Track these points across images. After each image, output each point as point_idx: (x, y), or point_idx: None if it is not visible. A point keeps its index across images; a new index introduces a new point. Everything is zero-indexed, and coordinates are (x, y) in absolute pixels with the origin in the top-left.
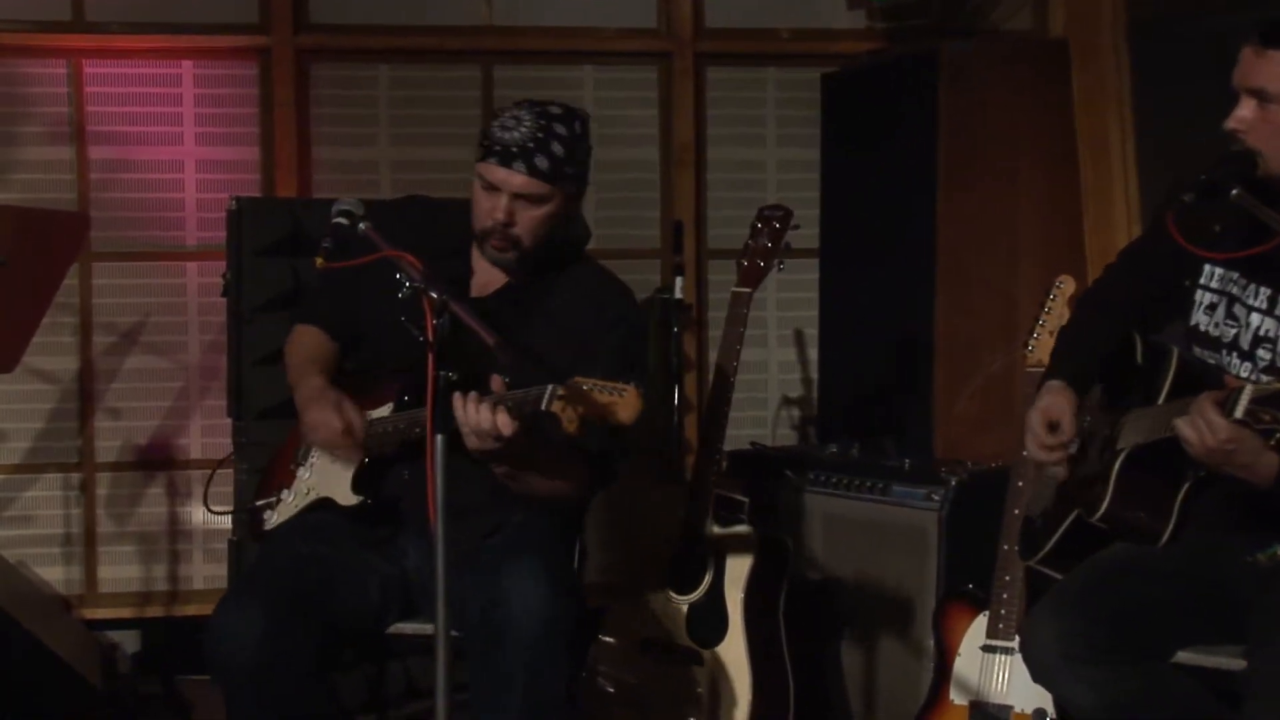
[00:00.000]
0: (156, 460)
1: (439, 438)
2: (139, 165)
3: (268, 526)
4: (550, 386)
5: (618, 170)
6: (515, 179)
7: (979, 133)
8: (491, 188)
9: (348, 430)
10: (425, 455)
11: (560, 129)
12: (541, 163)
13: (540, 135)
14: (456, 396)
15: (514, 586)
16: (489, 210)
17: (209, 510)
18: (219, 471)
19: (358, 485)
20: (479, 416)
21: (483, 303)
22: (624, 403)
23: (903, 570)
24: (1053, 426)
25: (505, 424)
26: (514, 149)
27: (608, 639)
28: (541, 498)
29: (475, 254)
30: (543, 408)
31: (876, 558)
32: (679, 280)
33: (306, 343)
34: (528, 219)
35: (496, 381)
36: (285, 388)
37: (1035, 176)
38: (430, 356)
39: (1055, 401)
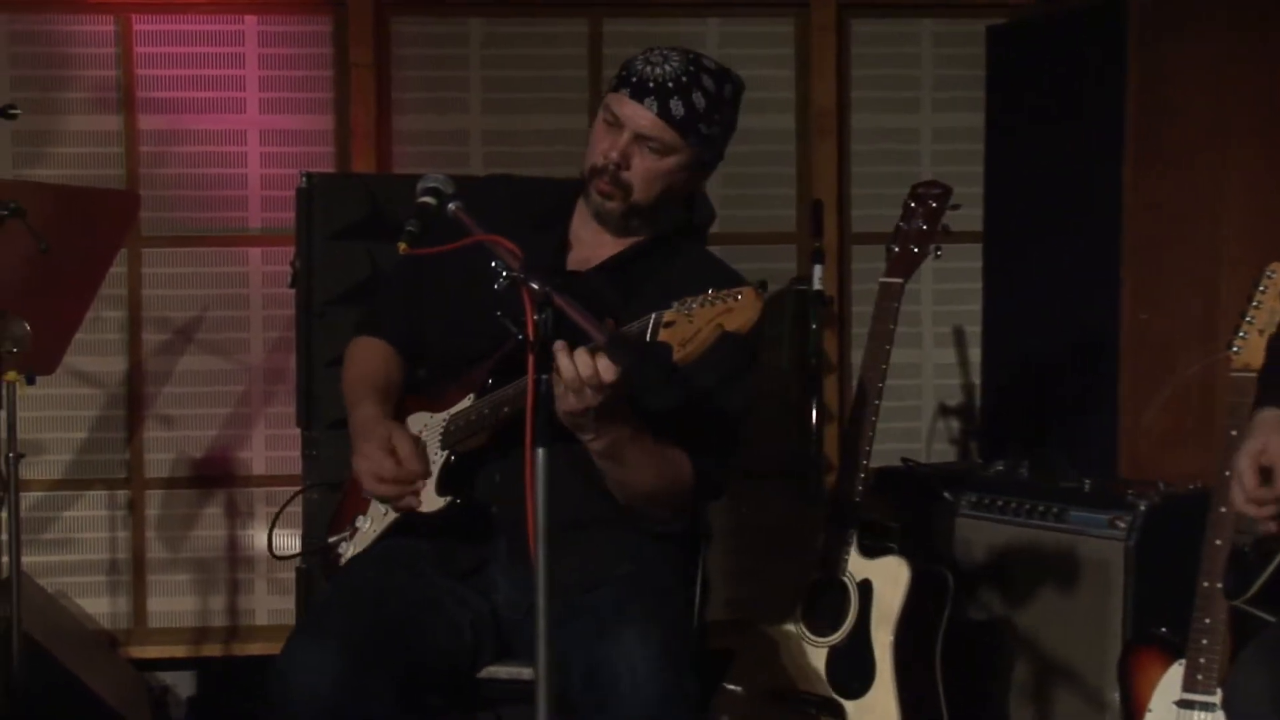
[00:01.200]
0: (214, 476)
1: (539, 452)
2: (196, 136)
3: (344, 561)
4: (654, 314)
5: (747, 141)
6: (642, 117)
7: (1175, 95)
8: (614, 123)
9: (400, 478)
10: (517, 451)
11: (708, 82)
12: (677, 107)
13: (684, 79)
14: (555, 345)
15: (623, 656)
16: (605, 147)
17: (273, 556)
18: (282, 490)
19: (442, 487)
20: (578, 363)
21: (581, 280)
22: (739, 306)
23: (1082, 610)
24: (1265, 473)
25: (607, 369)
26: (650, 84)
27: (733, 687)
28: (641, 496)
29: (575, 222)
30: (649, 338)
31: (1050, 595)
32: (818, 269)
33: (365, 358)
34: (643, 168)
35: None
36: None
37: (1244, 147)
38: (530, 358)
39: (1272, 443)
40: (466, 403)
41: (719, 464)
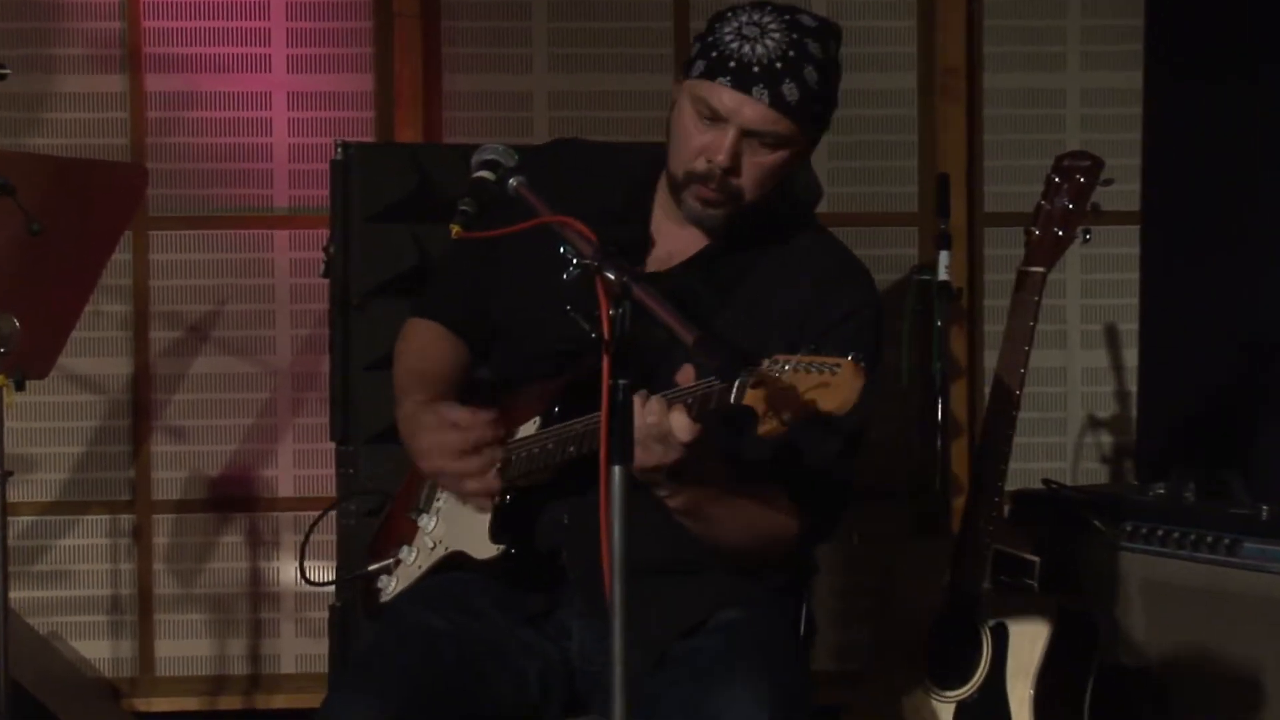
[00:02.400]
0: (234, 498)
1: (615, 470)
2: (212, 100)
3: (384, 598)
4: (741, 374)
5: (860, 104)
6: (751, 109)
7: None
8: (712, 117)
9: (470, 449)
10: (592, 489)
11: (814, 48)
12: (790, 91)
13: (791, 53)
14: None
15: (731, 714)
16: (704, 147)
17: (304, 581)
18: (313, 515)
19: (497, 531)
20: (650, 415)
21: (665, 279)
22: (837, 382)
23: (1257, 657)
24: None
25: (684, 428)
26: (754, 67)
27: None
28: (731, 554)
29: (657, 214)
30: (733, 400)
31: (1220, 639)
32: (943, 256)
33: (420, 346)
34: (756, 166)
35: (686, 372)
36: None
37: None
38: (605, 359)
39: None
40: (530, 428)
41: (829, 511)
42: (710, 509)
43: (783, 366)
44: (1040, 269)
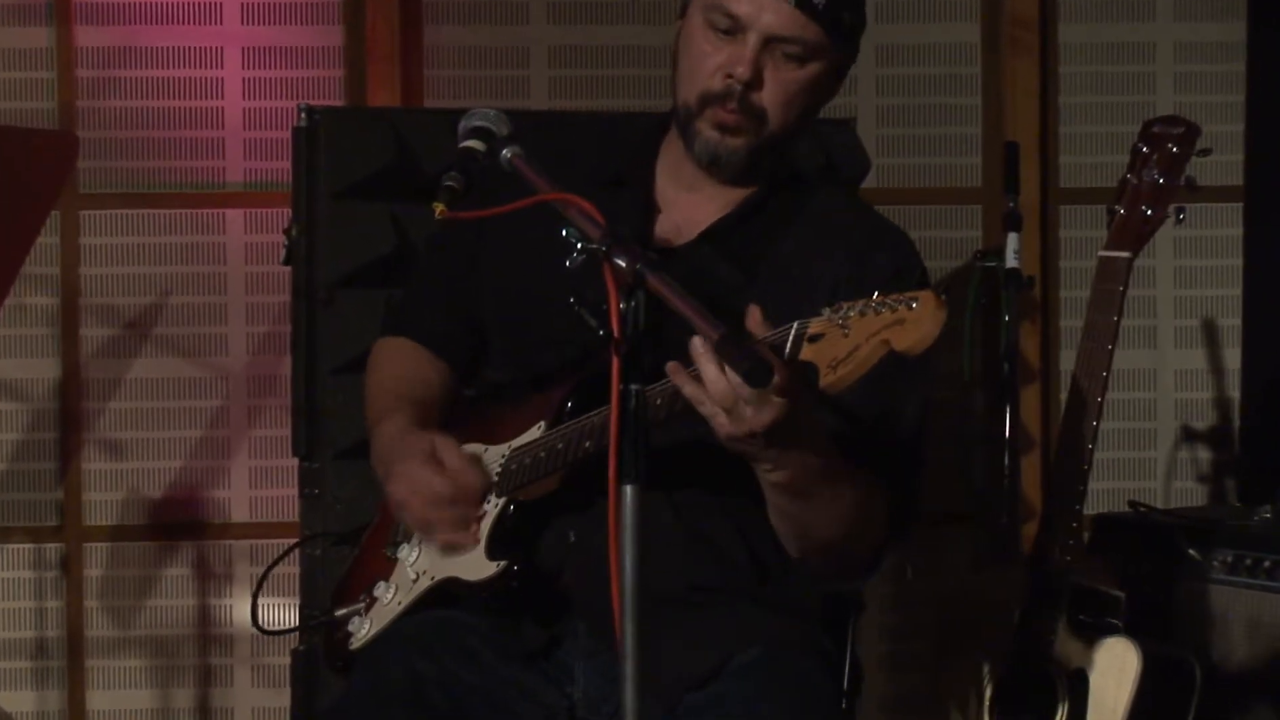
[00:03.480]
0: (179, 524)
1: (626, 491)
2: (154, 56)
3: (355, 644)
4: (795, 324)
5: (914, 61)
6: (773, 12)
7: None
8: (729, 28)
9: (459, 496)
10: (601, 501)
11: None
12: None
13: None
14: (693, 345)
15: None
16: (721, 63)
17: (259, 630)
18: (279, 544)
19: (495, 546)
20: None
21: (679, 257)
22: (915, 316)
23: None
24: None
25: (779, 368)
26: None
27: None
28: (825, 544)
29: (662, 180)
30: (788, 355)
31: None
32: (1012, 239)
33: (397, 371)
34: (780, 84)
35: (754, 315)
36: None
37: None
38: (614, 359)
39: None
40: (535, 433)
41: (908, 490)
42: (815, 484)
43: (845, 313)
44: (1126, 254)
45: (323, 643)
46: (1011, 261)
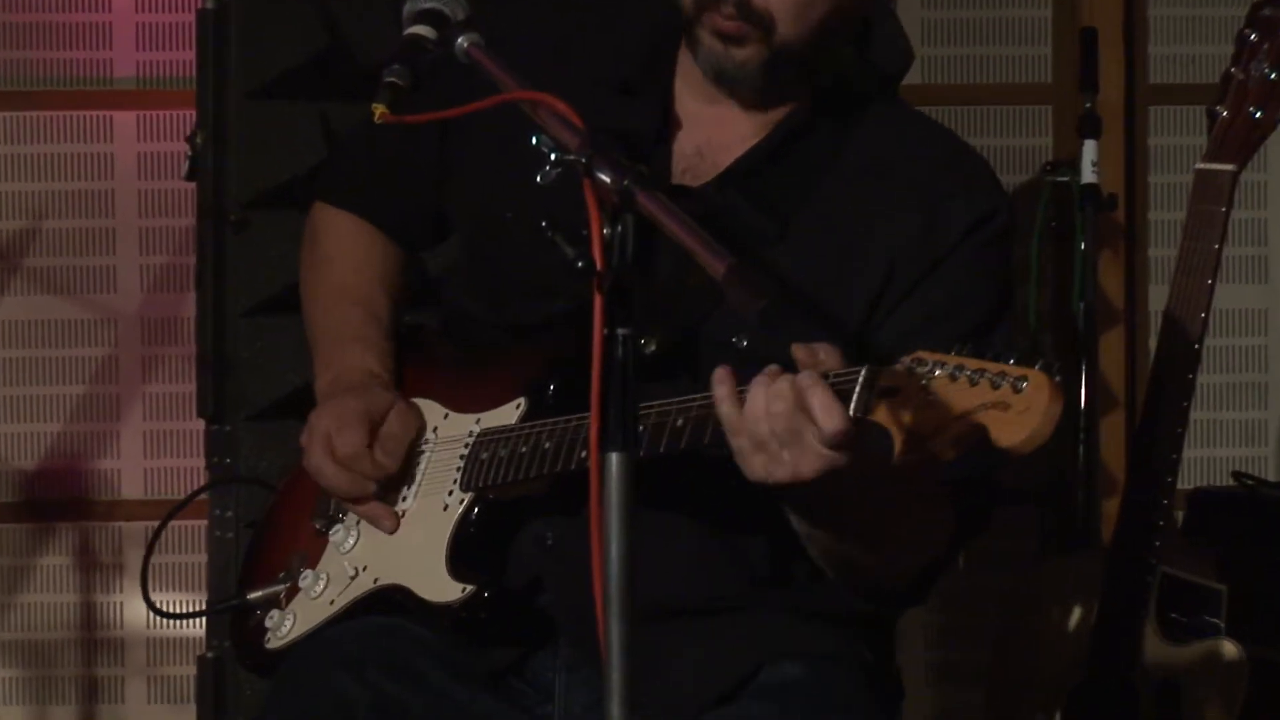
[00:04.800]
0: (57, 502)
1: (611, 460)
2: None
3: (274, 643)
4: (864, 369)
5: None
6: None
7: None
8: None
9: (370, 474)
10: (587, 500)
11: None
12: None
13: None
14: (716, 376)
15: None
16: None
17: (153, 609)
18: (179, 525)
19: (461, 561)
20: (778, 401)
21: (696, 197)
22: (1023, 403)
23: None
24: None
25: (834, 421)
26: None
27: None
28: (863, 567)
29: (680, 88)
30: (853, 411)
31: None
32: (1089, 147)
33: (341, 250)
34: None
35: (806, 353)
36: (310, 356)
37: None
38: (596, 299)
39: None
40: (511, 414)
41: (981, 498)
42: (855, 528)
43: (931, 370)
44: (1229, 167)
45: (234, 634)
46: (1089, 176)
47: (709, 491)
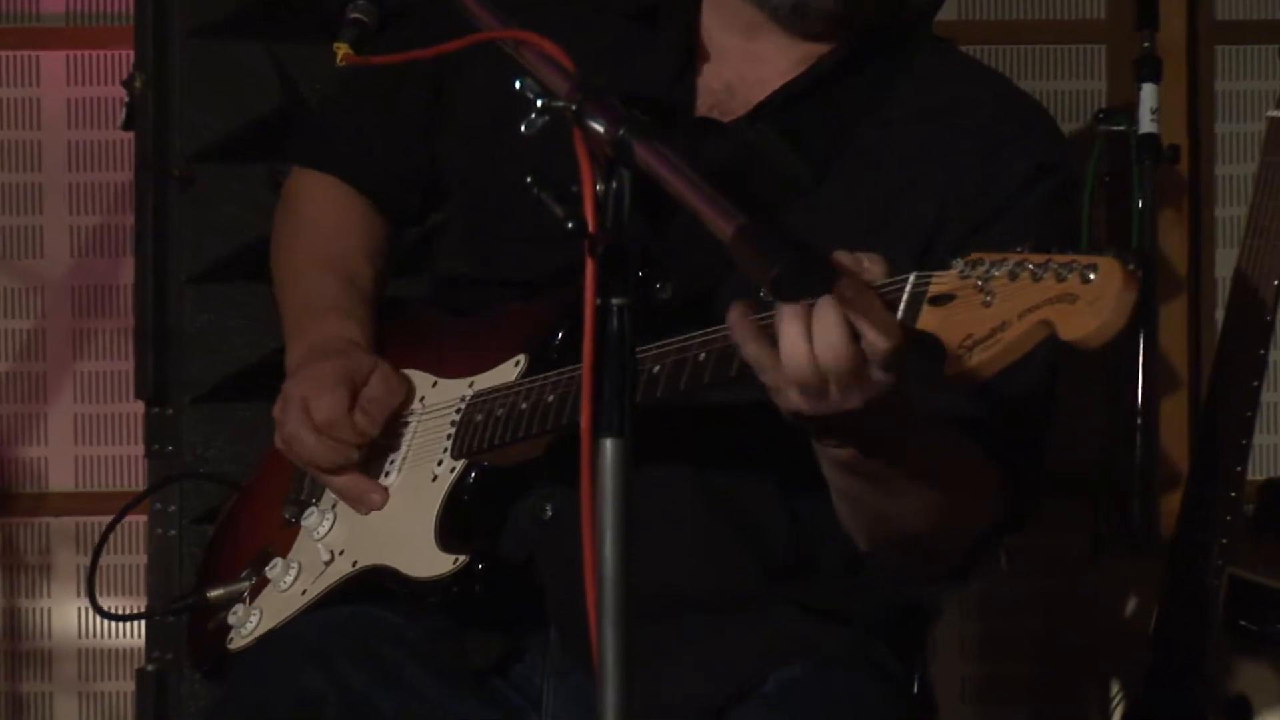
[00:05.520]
0: None
1: (606, 445)
2: None
3: (237, 642)
4: (911, 276)
5: None
6: None
7: None
8: None
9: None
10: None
11: None
12: None
13: None
14: (749, 312)
15: None
16: None
17: (97, 610)
18: (125, 522)
19: (451, 532)
20: (829, 330)
21: (724, 135)
22: (1092, 291)
23: None
24: None
25: (888, 326)
26: None
27: None
28: (908, 539)
29: (708, 14)
30: (901, 317)
31: None
32: (1148, 92)
33: (320, 216)
34: None
35: (851, 260)
36: (267, 327)
37: None
38: (588, 266)
39: None
40: (510, 371)
41: (1029, 473)
42: (898, 467)
43: (989, 271)
44: None
45: (191, 638)
46: (1147, 125)
47: (721, 459)
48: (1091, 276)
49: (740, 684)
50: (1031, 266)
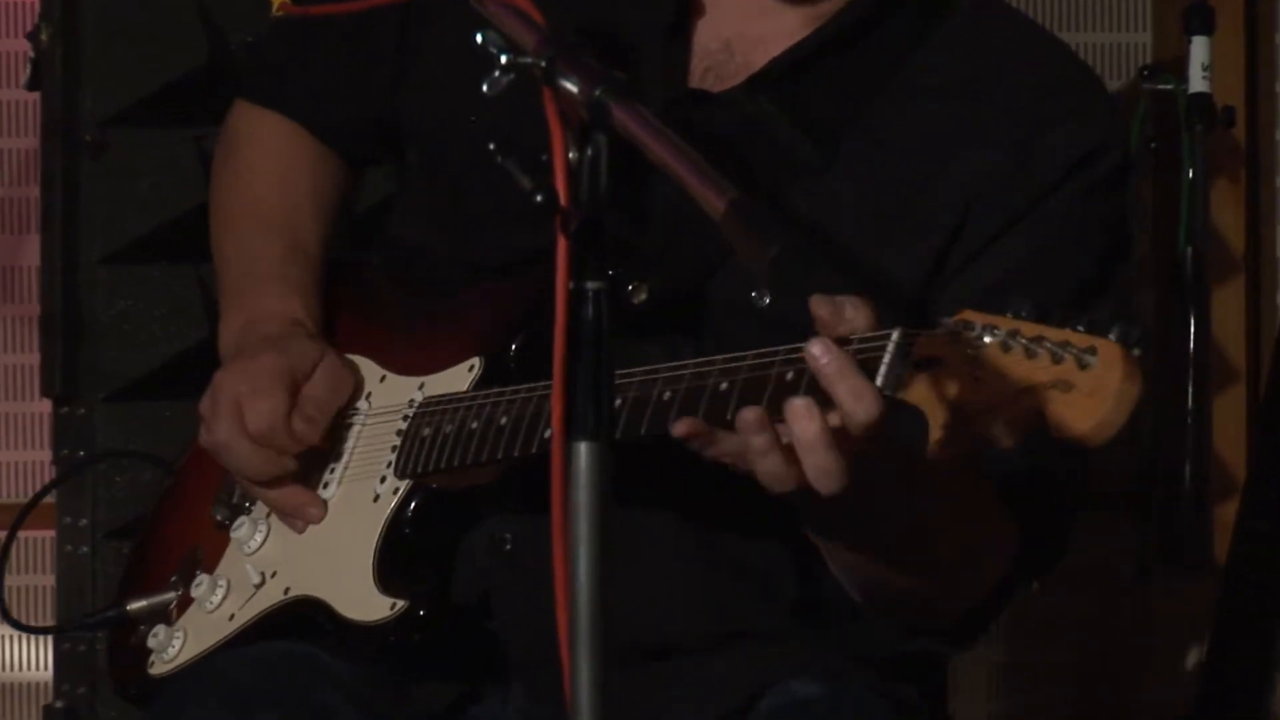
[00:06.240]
0: None
1: (580, 449)
2: None
3: (159, 668)
4: (895, 332)
5: None
6: None
7: None
8: None
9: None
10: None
11: None
12: None
13: None
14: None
15: None
16: None
17: (9, 623)
18: (33, 538)
19: (392, 569)
20: (844, 391)
21: (728, 101)
22: (1091, 383)
23: None
24: None
25: (870, 403)
26: None
27: None
28: (902, 597)
29: None
30: (881, 382)
31: None
32: (1199, 46)
33: (264, 159)
34: None
35: (829, 309)
36: (191, 315)
37: None
38: (559, 245)
39: None
40: (463, 377)
41: (1055, 512)
42: (883, 532)
43: (980, 336)
44: None
45: (108, 654)
46: (1198, 83)
47: (714, 503)
48: (1090, 361)
49: (739, 699)
50: (1024, 341)
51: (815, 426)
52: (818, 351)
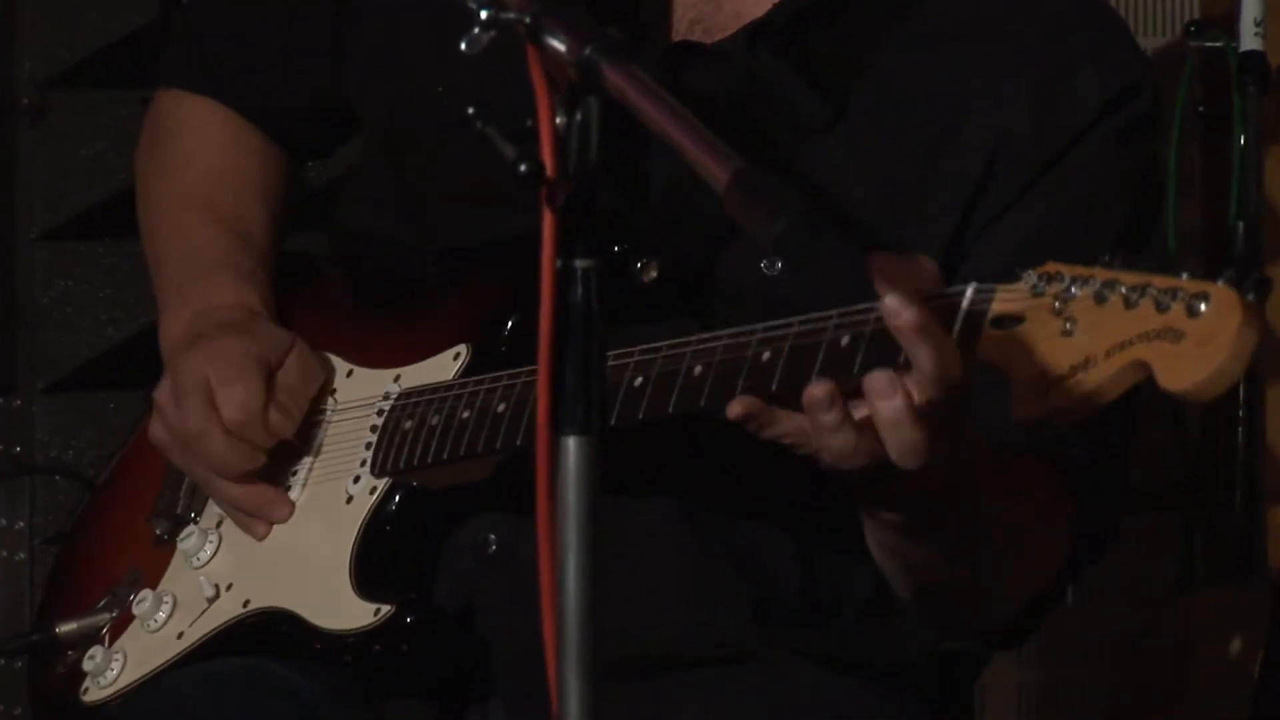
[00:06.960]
0: None
1: (569, 444)
2: None
3: (94, 694)
4: (969, 287)
5: None
6: None
7: None
8: None
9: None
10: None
11: None
12: None
13: None
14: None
15: None
16: None
17: None
18: None
19: (372, 573)
20: (927, 359)
21: (713, 59)
22: (1203, 331)
23: None
24: None
25: (952, 362)
26: None
27: None
28: (953, 588)
29: None
30: (956, 335)
31: None
32: (1250, 2)
33: (200, 150)
34: None
35: (897, 263)
36: (140, 297)
37: None
38: (546, 219)
39: None
40: (448, 365)
41: (1106, 502)
42: (946, 514)
43: (1069, 289)
44: None
45: (29, 682)
46: (1250, 40)
47: (712, 482)
48: (1201, 309)
49: None
50: (1124, 289)
51: (900, 402)
52: (896, 305)
